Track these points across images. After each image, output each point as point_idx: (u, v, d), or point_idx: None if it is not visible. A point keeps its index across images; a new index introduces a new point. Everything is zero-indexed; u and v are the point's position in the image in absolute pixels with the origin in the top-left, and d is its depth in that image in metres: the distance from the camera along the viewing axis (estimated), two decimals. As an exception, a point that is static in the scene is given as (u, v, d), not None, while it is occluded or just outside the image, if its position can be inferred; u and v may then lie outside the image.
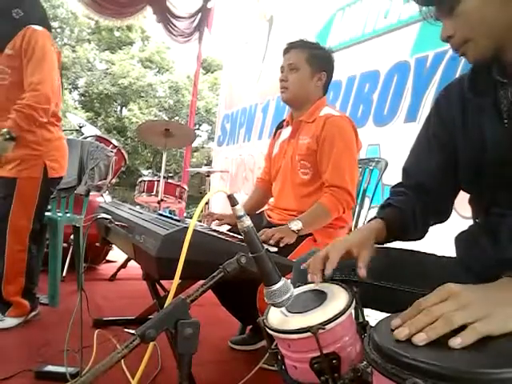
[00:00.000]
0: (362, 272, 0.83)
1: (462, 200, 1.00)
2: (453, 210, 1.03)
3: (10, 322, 1.95)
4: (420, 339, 0.56)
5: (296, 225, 1.57)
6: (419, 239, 1.02)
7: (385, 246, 1.01)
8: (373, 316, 1.20)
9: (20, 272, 1.95)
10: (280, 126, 1.99)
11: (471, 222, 0.99)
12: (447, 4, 0.79)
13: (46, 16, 2.06)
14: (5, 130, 1.77)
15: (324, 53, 1.82)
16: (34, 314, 2.09)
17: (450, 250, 0.98)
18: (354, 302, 0.76)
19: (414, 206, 0.98)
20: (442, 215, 1.03)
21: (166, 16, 5.66)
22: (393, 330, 0.59)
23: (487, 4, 0.76)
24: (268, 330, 0.76)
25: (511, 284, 0.64)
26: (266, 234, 1.52)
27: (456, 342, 0.54)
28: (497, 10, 0.76)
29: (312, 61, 1.77)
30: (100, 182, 2.82)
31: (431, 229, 1.04)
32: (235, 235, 1.33)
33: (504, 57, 0.81)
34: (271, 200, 1.95)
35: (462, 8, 0.78)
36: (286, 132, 1.90)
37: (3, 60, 1.89)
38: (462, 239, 0.97)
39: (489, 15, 0.76)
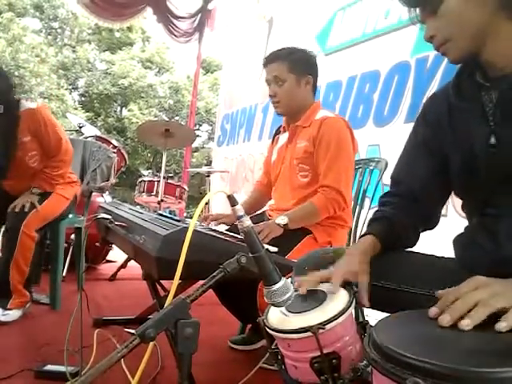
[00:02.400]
0: (366, 302, 0.84)
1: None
2: (453, 210, 1.04)
3: (12, 315, 2.02)
4: (465, 323, 0.59)
5: (282, 219, 1.59)
6: (412, 247, 1.02)
7: None
8: (373, 316, 1.20)
9: (27, 262, 2.08)
10: (278, 132, 1.99)
11: (469, 223, 0.99)
12: (430, 5, 0.83)
13: (12, 84, 2.14)
14: (34, 189, 2.15)
15: (304, 55, 1.80)
16: (29, 305, 2.16)
17: (450, 250, 0.98)
18: (354, 301, 0.77)
19: (404, 216, 0.99)
20: (432, 223, 1.04)
21: (166, 16, 5.66)
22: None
23: (465, 6, 0.79)
24: (268, 329, 0.76)
25: None
26: None
27: (502, 325, 0.57)
28: (472, 12, 0.79)
29: (294, 68, 1.75)
30: (102, 184, 2.82)
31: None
32: (235, 235, 1.33)
33: (482, 58, 0.83)
34: (272, 202, 1.96)
35: (443, 8, 0.81)
36: (284, 138, 1.91)
37: (28, 148, 2.12)
38: (459, 241, 0.97)
39: (465, 16, 0.79)
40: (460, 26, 0.80)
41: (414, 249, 1.02)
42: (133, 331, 0.74)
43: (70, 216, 2.44)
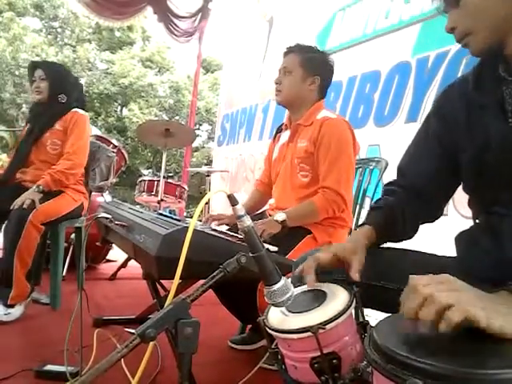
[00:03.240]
0: (355, 276, 0.84)
1: (463, 200, 1.00)
2: (454, 210, 1.03)
3: (13, 314, 2.03)
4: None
5: (280, 216, 1.59)
6: (409, 239, 1.02)
7: (384, 246, 1.01)
8: (373, 316, 1.20)
9: (31, 253, 2.09)
10: (279, 130, 2.00)
11: (472, 222, 0.99)
12: None
13: (83, 94, 2.63)
14: (38, 185, 2.18)
15: (320, 56, 1.83)
16: (29, 299, 2.16)
17: (450, 250, 0.98)
18: (354, 301, 0.76)
19: (405, 206, 0.98)
20: (433, 216, 1.03)
21: (166, 16, 5.65)
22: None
23: None
24: (268, 329, 0.76)
25: (504, 294, 0.64)
26: None
27: (442, 326, 0.55)
28: (494, 4, 0.77)
29: (306, 64, 1.77)
30: (101, 183, 2.82)
31: (432, 228, 1.04)
32: (235, 235, 1.33)
33: (506, 51, 0.81)
34: (272, 201, 1.96)
35: (464, 0, 0.79)
36: (285, 135, 1.91)
37: (55, 134, 2.38)
38: (462, 239, 0.96)
39: (489, 7, 0.77)
40: (481, 19, 0.78)
41: (415, 248, 1.02)
42: (133, 331, 0.74)
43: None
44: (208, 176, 4.09)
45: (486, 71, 0.87)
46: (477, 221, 0.96)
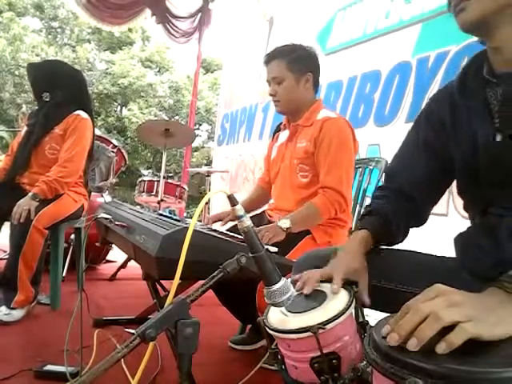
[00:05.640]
0: (367, 300, 0.85)
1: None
2: (454, 210, 1.03)
3: (14, 315, 2.02)
4: (412, 345, 0.54)
5: (285, 223, 1.57)
6: (401, 242, 1.03)
7: (384, 247, 1.01)
8: (373, 316, 1.20)
9: (35, 257, 2.09)
10: (278, 129, 1.99)
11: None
12: None
13: (82, 91, 2.46)
14: (34, 193, 2.13)
15: (303, 53, 1.79)
16: (33, 304, 2.17)
17: (450, 250, 0.98)
18: (354, 301, 0.77)
19: (396, 211, 0.99)
20: (421, 220, 1.04)
21: (165, 16, 5.65)
22: (384, 338, 0.58)
23: None
24: (268, 329, 0.76)
25: (498, 292, 0.64)
26: None
27: (441, 346, 0.53)
28: None
29: (293, 67, 1.74)
30: (101, 183, 2.82)
31: (432, 228, 1.04)
32: (235, 235, 1.33)
33: (492, 43, 0.80)
34: (272, 201, 1.95)
35: None
36: (284, 135, 1.90)
37: (55, 138, 2.32)
38: (460, 240, 0.97)
39: None
40: None
41: (415, 248, 1.02)
42: (133, 331, 0.73)
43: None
44: (208, 176, 4.09)
45: (471, 74, 0.87)
46: (474, 222, 0.96)
